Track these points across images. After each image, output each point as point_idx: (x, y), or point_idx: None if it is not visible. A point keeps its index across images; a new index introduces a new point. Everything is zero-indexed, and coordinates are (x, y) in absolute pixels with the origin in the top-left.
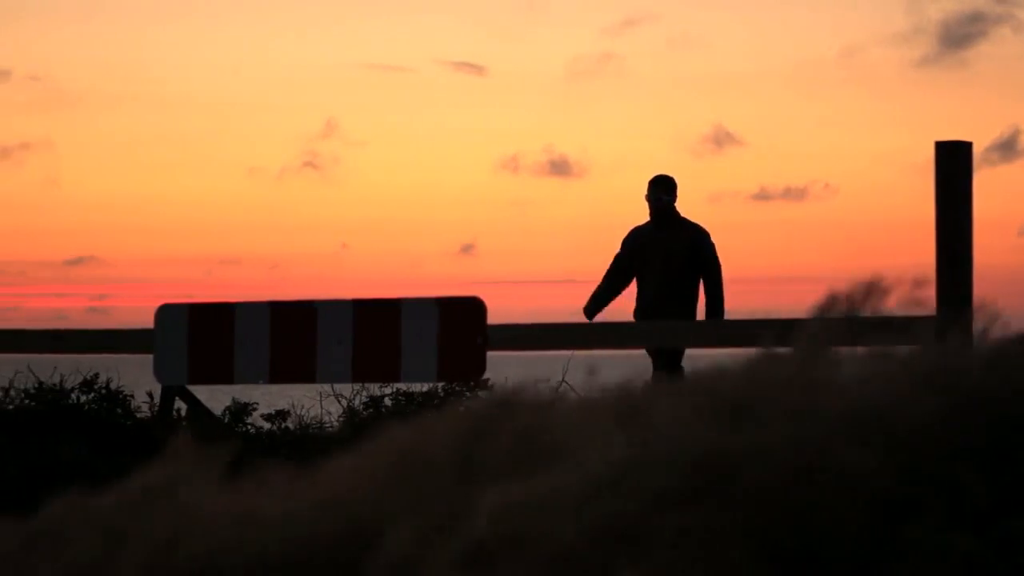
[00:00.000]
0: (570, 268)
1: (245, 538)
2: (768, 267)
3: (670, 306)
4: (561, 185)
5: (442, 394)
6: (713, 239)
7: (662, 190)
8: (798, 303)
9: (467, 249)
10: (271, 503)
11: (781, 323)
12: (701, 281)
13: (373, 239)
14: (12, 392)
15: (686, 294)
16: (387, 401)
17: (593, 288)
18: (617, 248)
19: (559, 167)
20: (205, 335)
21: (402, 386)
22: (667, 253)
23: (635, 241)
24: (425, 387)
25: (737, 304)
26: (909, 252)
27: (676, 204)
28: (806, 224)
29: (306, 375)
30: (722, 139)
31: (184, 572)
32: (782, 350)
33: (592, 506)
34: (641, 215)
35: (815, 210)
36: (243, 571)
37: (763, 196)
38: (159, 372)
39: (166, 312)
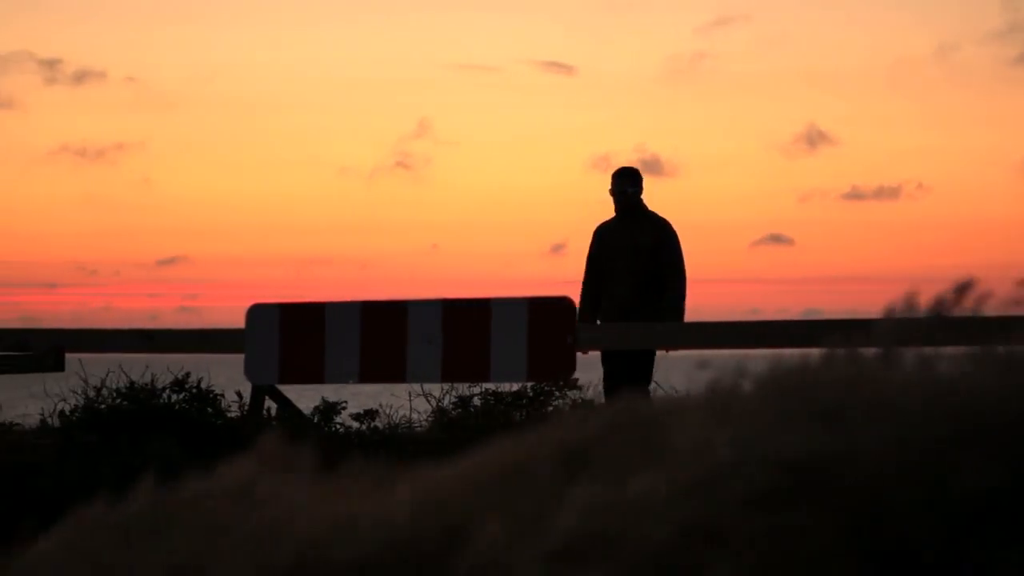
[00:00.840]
0: None
1: (340, 538)
2: (859, 267)
3: (643, 304)
4: (653, 185)
5: (531, 394)
6: (678, 233)
7: (627, 182)
8: (888, 303)
9: (557, 249)
10: (365, 503)
11: (860, 323)
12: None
13: (463, 239)
14: (104, 391)
15: (659, 291)
16: (476, 401)
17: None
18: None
19: (651, 167)
20: (296, 335)
21: (491, 386)
22: (635, 248)
23: (601, 238)
24: (514, 387)
25: (830, 303)
26: (1005, 251)
27: (643, 198)
28: (899, 224)
29: (396, 375)
30: (815, 138)
31: (282, 569)
32: (868, 350)
33: (683, 506)
34: (732, 213)
35: (908, 209)
36: (339, 570)
37: (855, 195)
38: (250, 371)
39: (257, 312)
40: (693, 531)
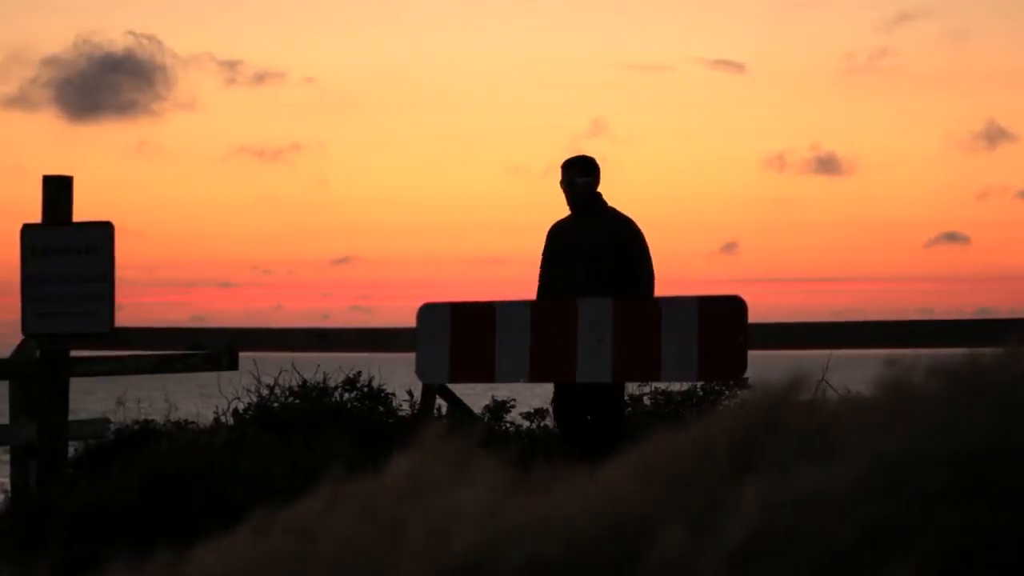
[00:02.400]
0: (835, 266)
1: (515, 537)
2: None
3: None
4: (828, 183)
5: (701, 393)
6: (643, 232)
7: (576, 171)
8: None
9: (729, 248)
10: (539, 502)
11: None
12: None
13: None
14: (277, 390)
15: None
16: (646, 400)
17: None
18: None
19: (826, 165)
20: (467, 334)
21: (661, 385)
22: (591, 248)
23: (555, 238)
24: (684, 386)
25: (1005, 302)
26: None
27: (600, 191)
28: None
29: (566, 374)
30: (995, 135)
31: (456, 567)
32: None
33: (861, 504)
34: (908, 211)
35: None
36: (515, 569)
37: None
38: (421, 371)
39: (428, 311)
40: (874, 529)
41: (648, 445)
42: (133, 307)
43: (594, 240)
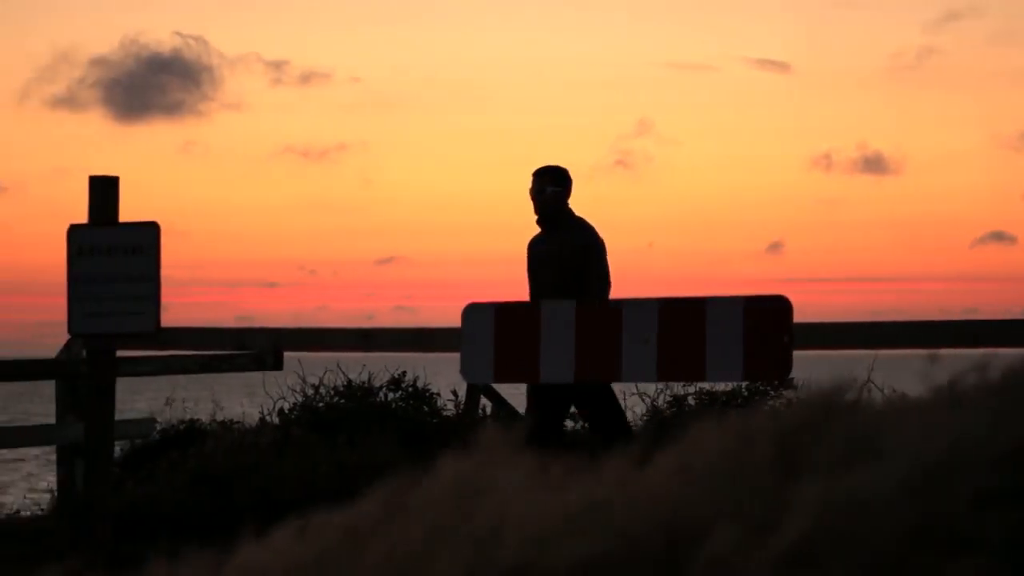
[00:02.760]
0: (880, 266)
1: (563, 536)
2: None
3: None
4: (874, 183)
5: (746, 393)
6: (604, 243)
7: (547, 180)
8: None
9: (775, 248)
10: (588, 501)
11: None
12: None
13: (679, 237)
14: (322, 390)
15: None
16: (690, 400)
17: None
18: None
19: (873, 164)
20: (511, 334)
21: (705, 385)
22: (559, 262)
23: (531, 251)
24: (729, 386)
25: None
26: None
27: (570, 203)
28: None
29: (611, 374)
30: None
31: (505, 569)
32: None
33: (912, 504)
34: (955, 210)
35: None
36: (564, 569)
37: None
38: (465, 370)
39: (473, 311)
40: (924, 531)
41: (695, 444)
42: (179, 307)
43: (560, 253)
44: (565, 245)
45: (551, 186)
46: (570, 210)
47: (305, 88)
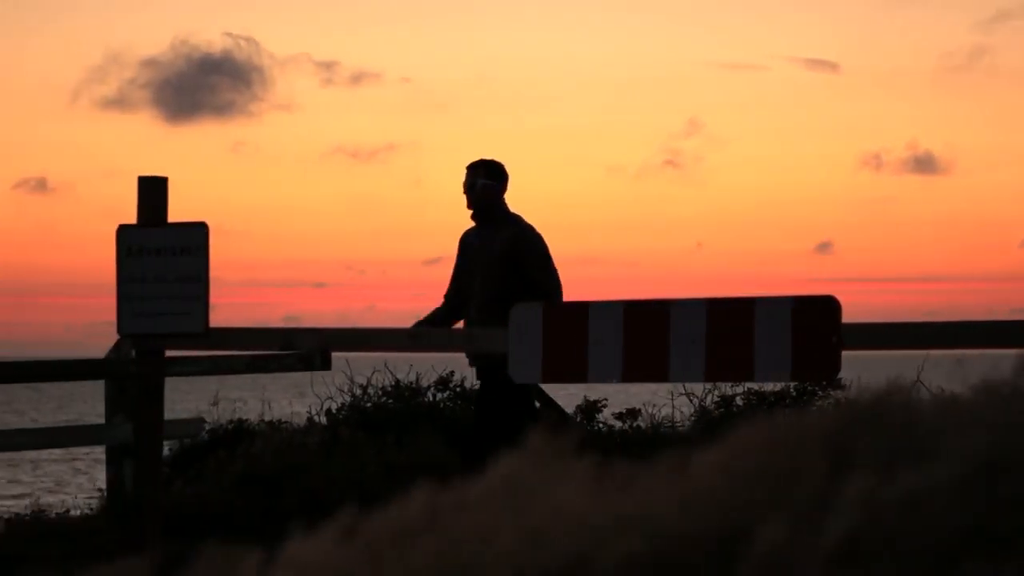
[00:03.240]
0: (930, 266)
1: (613, 536)
2: None
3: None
4: (925, 182)
5: (794, 394)
6: (544, 240)
7: (480, 174)
8: None
9: (824, 248)
10: (636, 501)
11: None
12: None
13: (728, 237)
14: (370, 390)
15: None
16: (738, 400)
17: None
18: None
19: (923, 163)
20: (559, 334)
21: (753, 385)
22: (487, 258)
23: (461, 244)
24: (777, 386)
25: None
26: None
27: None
28: None
29: (659, 374)
30: None
31: (556, 568)
32: None
33: (959, 505)
34: (1005, 210)
35: None
36: (612, 569)
37: None
38: (514, 370)
39: (521, 312)
40: (975, 531)
41: (744, 444)
42: (227, 307)
43: (489, 249)
44: (495, 241)
45: (484, 179)
46: (505, 205)
47: (355, 88)
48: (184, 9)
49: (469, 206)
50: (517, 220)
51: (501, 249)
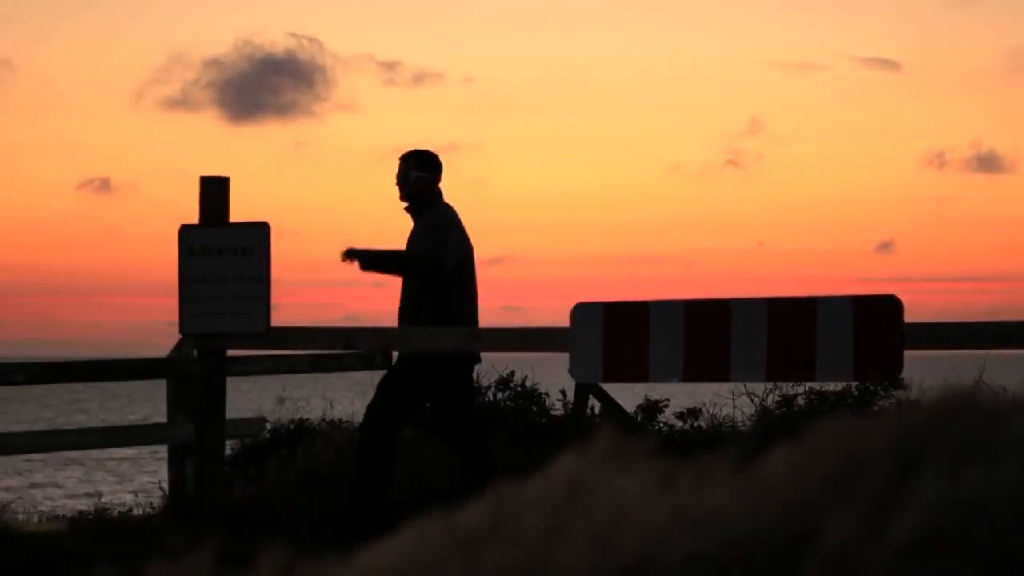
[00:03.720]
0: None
1: (680, 534)
2: None
3: (414, 321)
4: (988, 181)
5: (856, 393)
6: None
7: (411, 165)
8: None
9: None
10: (701, 500)
11: None
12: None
13: (789, 236)
14: None
15: (420, 302)
16: (800, 400)
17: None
18: None
19: (987, 162)
20: (620, 334)
21: (815, 385)
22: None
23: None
24: (839, 386)
25: None
26: None
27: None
28: None
29: (720, 374)
30: None
31: (622, 568)
32: None
33: None
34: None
35: None
36: (680, 568)
37: None
38: (574, 370)
39: (582, 311)
40: None
41: (810, 443)
42: (289, 307)
43: (412, 239)
44: (417, 231)
45: (416, 171)
46: (438, 197)
47: (417, 88)
48: (247, 9)
49: (402, 198)
50: (442, 211)
51: (416, 237)
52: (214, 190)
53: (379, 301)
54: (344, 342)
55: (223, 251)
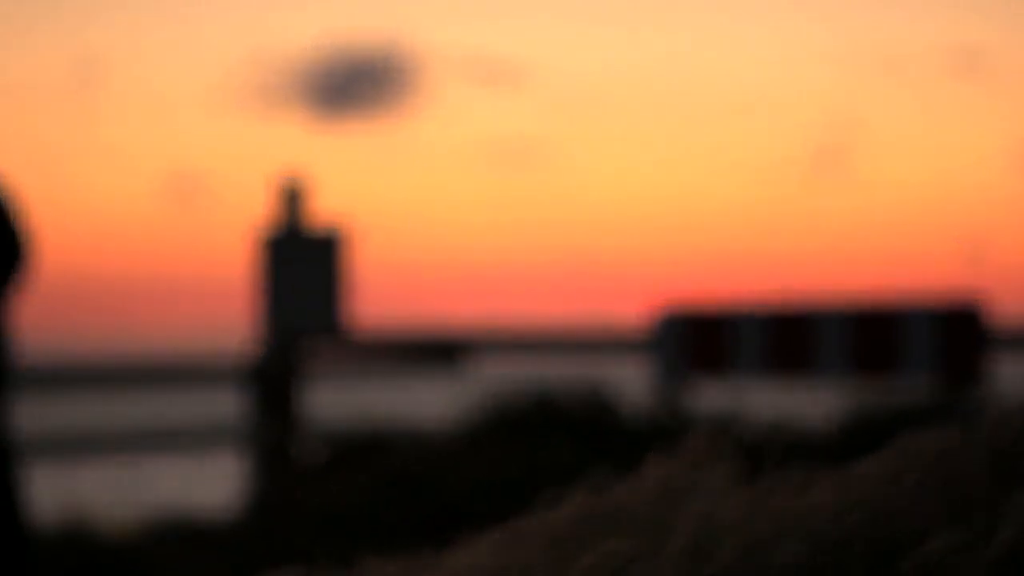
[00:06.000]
0: None
1: (773, 541)
2: None
3: None
4: None
5: (941, 401)
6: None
7: None
8: None
9: (975, 250)
10: (790, 507)
11: None
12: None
13: (875, 238)
14: (512, 393)
15: None
16: (885, 411)
17: None
18: None
19: None
20: (701, 340)
21: (900, 395)
22: None
23: None
24: (924, 395)
25: None
26: None
27: None
28: None
29: (803, 381)
30: None
31: (717, 572)
32: None
33: None
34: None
35: None
36: (775, 573)
37: None
38: (656, 375)
39: (665, 316)
40: None
41: (902, 452)
42: (372, 308)
43: None
44: None
45: None
46: None
47: (506, 86)
48: (333, 6)
49: None
50: None
51: None
52: (294, 192)
53: (465, 303)
54: (427, 344)
55: (302, 253)
